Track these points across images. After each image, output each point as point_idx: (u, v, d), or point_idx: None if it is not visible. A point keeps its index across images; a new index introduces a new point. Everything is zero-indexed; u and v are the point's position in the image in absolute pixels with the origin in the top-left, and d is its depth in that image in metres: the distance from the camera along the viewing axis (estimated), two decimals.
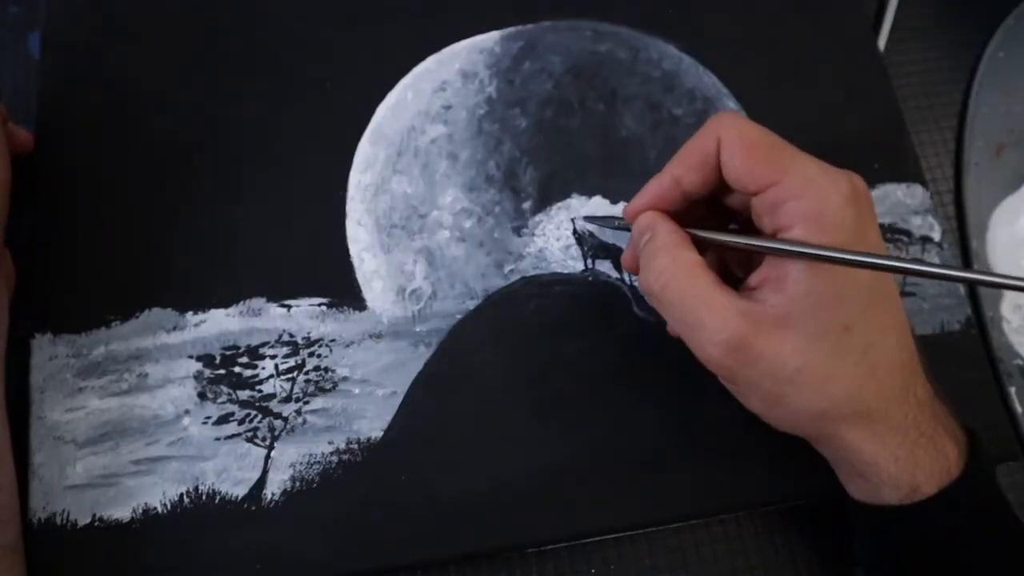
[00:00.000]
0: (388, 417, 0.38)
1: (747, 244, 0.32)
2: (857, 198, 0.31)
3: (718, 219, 0.36)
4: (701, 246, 0.34)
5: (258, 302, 0.39)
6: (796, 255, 0.30)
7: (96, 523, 0.36)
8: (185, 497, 0.37)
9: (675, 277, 0.32)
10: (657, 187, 0.35)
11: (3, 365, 0.36)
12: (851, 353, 0.31)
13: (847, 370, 0.31)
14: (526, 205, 0.42)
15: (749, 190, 0.32)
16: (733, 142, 0.32)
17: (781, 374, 0.31)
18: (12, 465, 0.35)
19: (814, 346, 0.31)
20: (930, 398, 0.33)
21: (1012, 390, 0.42)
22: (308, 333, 0.39)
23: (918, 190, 0.43)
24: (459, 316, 0.40)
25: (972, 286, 0.44)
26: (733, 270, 0.37)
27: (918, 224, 0.43)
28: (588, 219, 0.41)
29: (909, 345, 0.33)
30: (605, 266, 0.41)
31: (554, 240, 0.41)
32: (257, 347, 0.39)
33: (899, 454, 0.32)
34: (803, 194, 0.31)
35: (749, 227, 0.34)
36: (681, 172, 0.34)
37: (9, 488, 0.35)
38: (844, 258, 0.30)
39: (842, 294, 0.31)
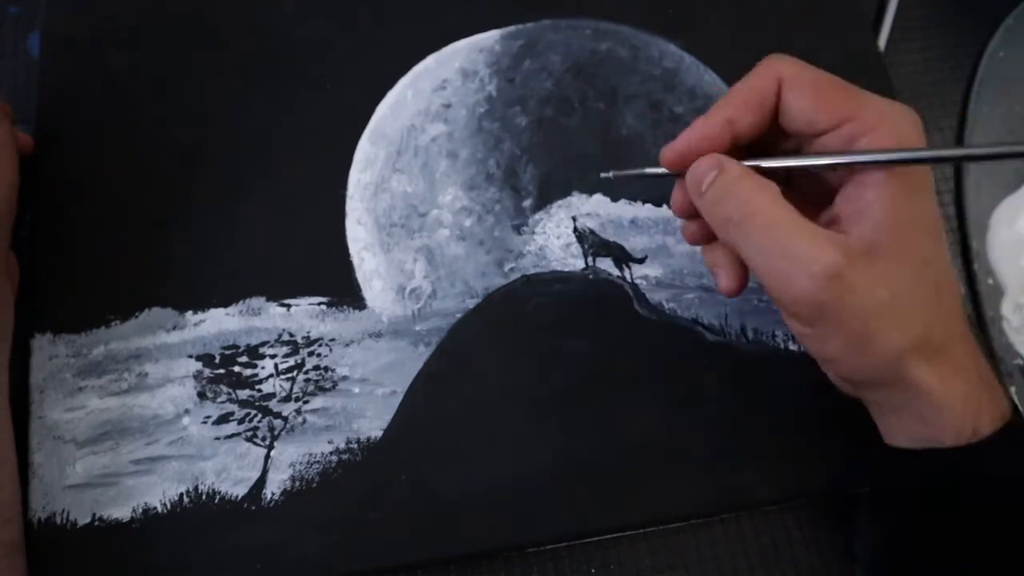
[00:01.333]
0: (388, 416, 0.38)
1: (832, 163, 0.31)
2: (922, 130, 0.31)
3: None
4: None
5: (258, 301, 0.39)
6: (874, 162, 0.30)
7: (96, 523, 0.36)
8: (185, 497, 0.36)
9: (763, 205, 0.31)
10: (705, 128, 0.33)
11: (8, 365, 0.36)
12: (928, 287, 0.31)
13: (925, 305, 0.31)
14: (526, 203, 0.42)
15: (818, 127, 0.31)
16: (801, 81, 0.32)
17: (871, 308, 0.30)
18: (15, 464, 0.36)
19: (900, 279, 0.30)
20: (975, 341, 0.33)
21: (1012, 390, 0.42)
22: (308, 332, 0.39)
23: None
24: (459, 315, 0.40)
25: (972, 286, 0.44)
26: None
27: None
28: (616, 176, 0.36)
29: (959, 286, 0.33)
30: (606, 264, 0.41)
31: (554, 238, 0.41)
32: (257, 346, 0.39)
33: (966, 393, 0.31)
34: (879, 126, 0.30)
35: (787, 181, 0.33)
36: (736, 114, 0.33)
37: (12, 487, 0.35)
38: (944, 155, 0.30)
39: (921, 225, 0.31)
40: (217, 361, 0.39)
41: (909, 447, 0.33)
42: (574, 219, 0.42)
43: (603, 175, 0.36)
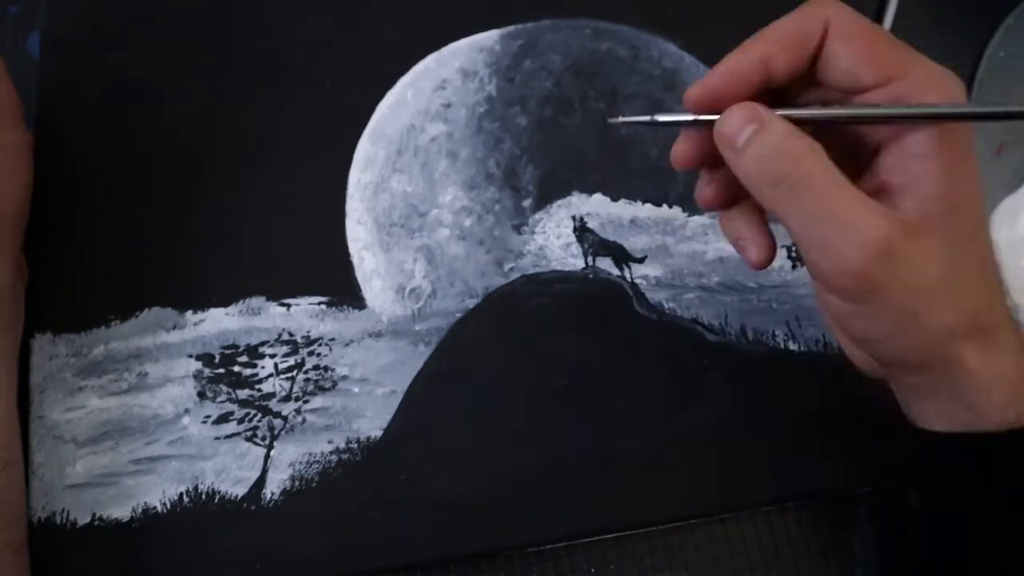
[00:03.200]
0: (388, 416, 0.38)
1: (891, 114, 0.29)
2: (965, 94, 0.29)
3: None
4: None
5: (258, 301, 0.39)
6: (952, 117, 0.28)
7: (96, 522, 0.36)
8: (185, 496, 0.36)
9: (814, 168, 0.28)
10: (738, 65, 0.30)
11: (17, 364, 0.37)
12: (975, 263, 0.30)
13: (973, 281, 0.29)
14: (526, 203, 0.42)
15: (863, 82, 0.29)
16: (851, 28, 0.29)
17: (922, 283, 0.28)
18: (22, 463, 0.36)
19: (950, 254, 0.28)
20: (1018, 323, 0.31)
21: None
22: (308, 332, 0.39)
23: None
24: (459, 314, 0.40)
25: None
26: None
27: None
28: (624, 122, 0.33)
29: (1001, 266, 0.31)
30: (605, 263, 0.41)
31: (554, 238, 0.41)
32: (257, 346, 0.39)
33: (1013, 377, 0.30)
34: (930, 88, 0.28)
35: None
36: (773, 52, 0.30)
37: (20, 487, 0.35)
38: (1013, 111, 0.28)
39: (971, 199, 0.29)
40: (217, 361, 0.39)
41: (945, 431, 0.31)
42: (574, 218, 0.42)
43: (610, 120, 0.33)
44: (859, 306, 0.29)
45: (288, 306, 0.39)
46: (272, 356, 0.39)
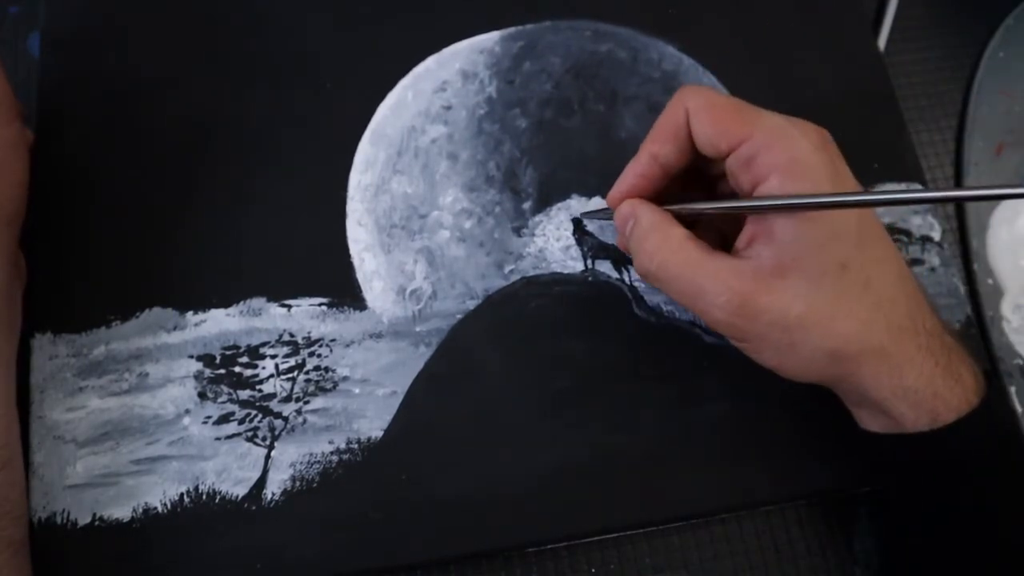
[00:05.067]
0: (388, 417, 0.38)
1: (724, 208, 0.33)
2: (826, 144, 0.32)
3: (696, 196, 0.36)
4: (687, 222, 0.35)
5: (258, 302, 0.39)
6: (773, 208, 0.31)
7: (96, 523, 0.36)
8: (185, 497, 0.37)
9: (667, 253, 0.33)
10: (636, 167, 0.36)
11: (15, 364, 0.37)
12: (852, 289, 0.32)
13: (852, 307, 0.32)
14: (526, 205, 0.42)
15: (722, 150, 0.33)
16: (700, 108, 0.33)
17: (787, 321, 0.31)
18: (22, 462, 0.36)
19: (814, 288, 0.31)
20: (940, 330, 0.33)
21: (1012, 390, 0.42)
22: (308, 333, 0.39)
23: (918, 190, 0.43)
24: (459, 316, 0.40)
25: (972, 286, 0.44)
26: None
27: (918, 224, 0.43)
28: (585, 215, 0.41)
29: (909, 277, 0.34)
30: (605, 266, 0.41)
31: (554, 240, 0.41)
32: (257, 347, 0.39)
33: (918, 385, 0.32)
34: (774, 144, 0.32)
35: (729, 195, 0.35)
36: (656, 148, 0.35)
37: (21, 485, 0.35)
38: (822, 202, 0.30)
39: (832, 233, 0.31)
40: (218, 361, 0.39)
41: (879, 431, 0.34)
42: (573, 221, 0.42)
43: (578, 215, 0.41)
44: (745, 344, 0.34)
45: (289, 307, 0.39)
46: (273, 357, 0.39)
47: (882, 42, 0.48)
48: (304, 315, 0.39)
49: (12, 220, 0.37)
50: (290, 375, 0.38)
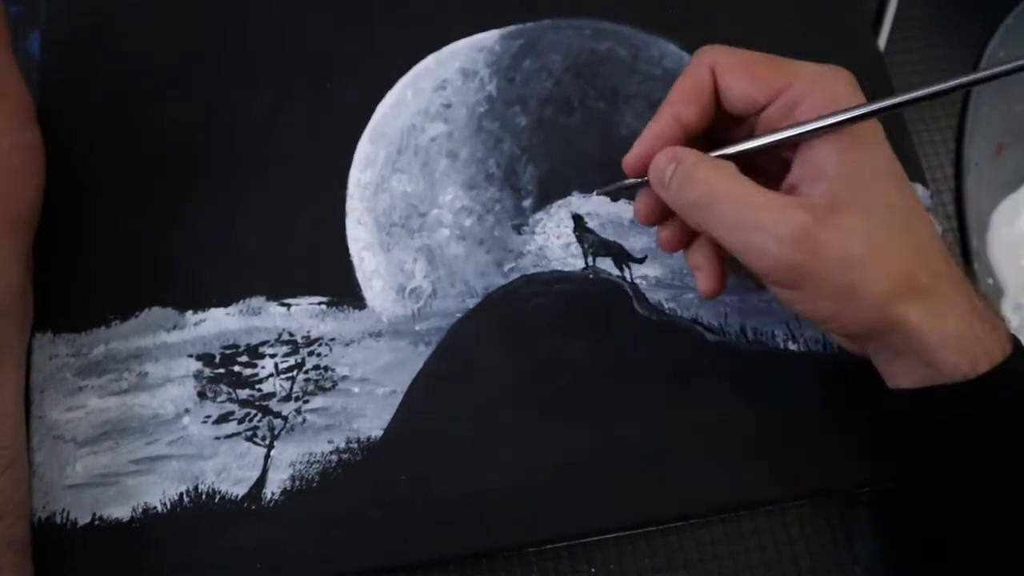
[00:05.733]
0: (388, 416, 0.38)
1: (772, 141, 0.33)
2: (857, 86, 0.33)
3: None
4: None
5: (258, 301, 0.39)
6: (822, 129, 0.31)
7: (96, 522, 0.36)
8: (185, 496, 0.36)
9: (722, 185, 0.32)
10: (657, 128, 0.35)
11: (25, 363, 0.37)
12: (898, 229, 0.32)
13: (899, 246, 0.31)
14: (526, 203, 0.42)
15: (759, 103, 0.33)
16: (731, 65, 0.33)
17: (850, 258, 0.31)
18: (26, 461, 0.36)
19: (869, 225, 0.31)
20: (966, 278, 0.33)
21: None
22: (308, 332, 0.39)
23: (918, 189, 0.43)
24: (459, 315, 0.40)
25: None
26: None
27: None
28: (600, 193, 0.41)
29: (934, 225, 0.34)
30: (606, 264, 0.41)
31: (554, 238, 0.41)
32: (257, 346, 0.39)
33: (959, 330, 0.31)
34: (814, 90, 0.32)
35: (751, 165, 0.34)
36: (678, 108, 0.34)
37: (26, 484, 0.36)
38: (873, 109, 0.31)
39: (876, 173, 0.32)
40: (217, 361, 0.39)
41: (913, 387, 0.33)
42: (574, 217, 0.42)
43: (595, 194, 0.41)
44: (799, 292, 0.32)
45: (288, 306, 0.39)
46: (272, 356, 0.39)
47: (882, 42, 0.49)
48: (303, 314, 0.39)
49: (29, 223, 0.38)
50: (289, 374, 0.38)
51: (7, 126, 0.37)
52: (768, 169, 0.35)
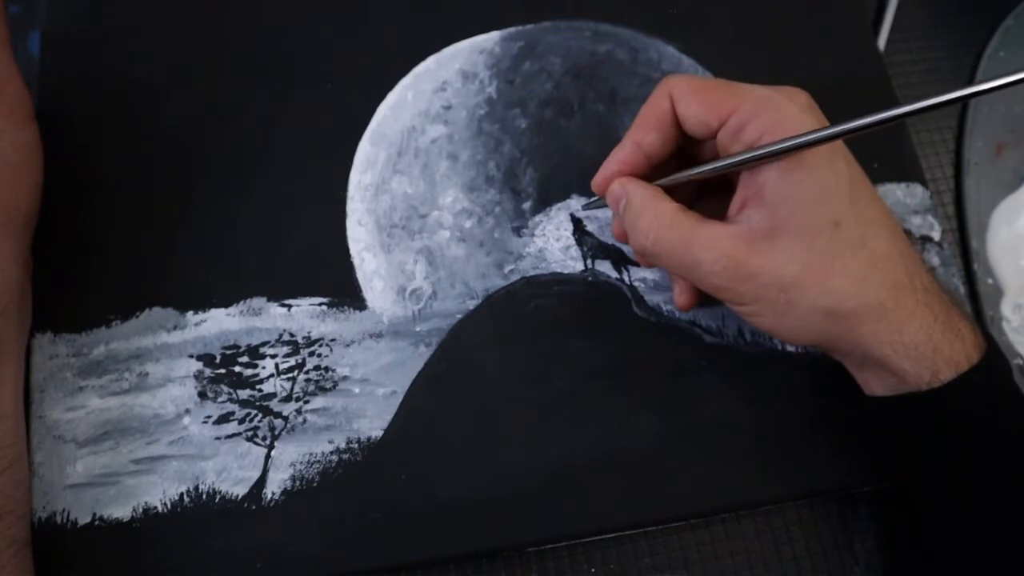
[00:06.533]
0: (388, 417, 0.38)
1: (709, 169, 0.33)
2: (812, 106, 0.33)
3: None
4: (688, 201, 0.36)
5: (258, 301, 0.39)
6: (757, 158, 0.32)
7: (96, 522, 0.36)
8: (185, 496, 0.37)
9: (660, 230, 0.34)
10: (620, 155, 0.36)
11: (24, 362, 0.37)
12: (847, 247, 0.32)
13: (847, 264, 0.32)
14: (526, 205, 0.42)
15: (712, 127, 0.33)
16: (685, 91, 0.34)
17: (783, 281, 0.32)
18: (26, 461, 0.36)
19: (808, 247, 0.32)
20: (936, 288, 0.33)
21: None
22: (308, 332, 0.39)
23: (918, 190, 0.43)
24: (459, 316, 0.40)
25: (971, 286, 0.44)
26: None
27: (918, 223, 0.43)
28: (584, 207, 0.42)
29: (902, 236, 0.34)
30: (605, 266, 0.41)
31: (554, 240, 0.41)
32: (257, 346, 0.39)
33: (918, 340, 0.32)
34: (761, 111, 0.32)
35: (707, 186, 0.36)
36: (640, 135, 0.36)
37: (26, 484, 0.36)
38: (807, 140, 0.30)
39: (823, 192, 0.32)
40: (218, 361, 0.39)
41: (884, 395, 0.34)
42: (572, 217, 0.42)
43: (579, 213, 0.42)
44: (750, 307, 0.33)
45: (289, 307, 0.39)
46: (273, 356, 0.39)
47: (882, 42, 0.48)
48: (304, 315, 0.39)
49: (28, 222, 0.38)
50: (290, 375, 0.38)
51: (5, 124, 0.37)
52: (727, 189, 0.35)
